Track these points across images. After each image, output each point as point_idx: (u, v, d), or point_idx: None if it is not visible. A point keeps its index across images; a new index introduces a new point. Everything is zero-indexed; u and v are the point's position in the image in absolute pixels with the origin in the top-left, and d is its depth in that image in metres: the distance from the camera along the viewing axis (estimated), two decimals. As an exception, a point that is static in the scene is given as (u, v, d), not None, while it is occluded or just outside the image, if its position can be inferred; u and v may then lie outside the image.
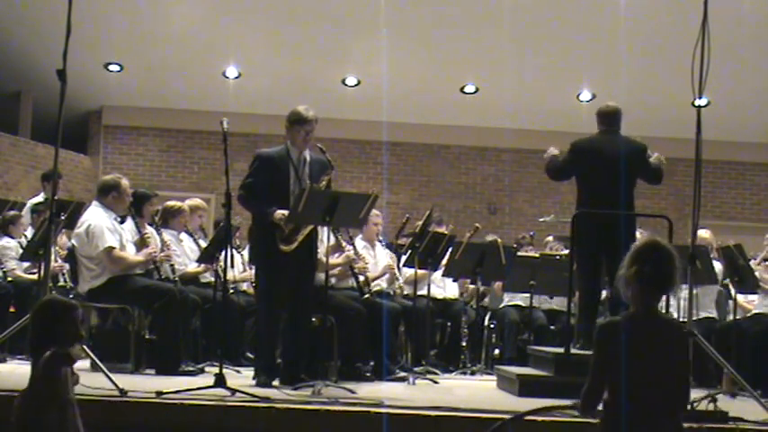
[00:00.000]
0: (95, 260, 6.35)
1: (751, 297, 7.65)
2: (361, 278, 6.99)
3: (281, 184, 5.89)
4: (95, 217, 6.46)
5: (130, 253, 6.56)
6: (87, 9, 7.81)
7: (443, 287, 8.45)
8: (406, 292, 7.80)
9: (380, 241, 7.77)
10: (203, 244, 7.54)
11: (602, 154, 6.37)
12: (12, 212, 8.52)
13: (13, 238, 8.24)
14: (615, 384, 3.07)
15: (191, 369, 6.27)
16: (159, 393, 4.62)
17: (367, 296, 6.91)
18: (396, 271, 7.63)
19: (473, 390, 6.56)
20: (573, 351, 5.86)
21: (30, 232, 8.23)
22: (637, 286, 3.15)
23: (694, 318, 5.45)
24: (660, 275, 3.15)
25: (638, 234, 6.26)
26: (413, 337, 7.64)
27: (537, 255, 8.62)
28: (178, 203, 7.71)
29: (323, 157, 6.06)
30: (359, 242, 7.41)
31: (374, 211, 7.46)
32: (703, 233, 7.71)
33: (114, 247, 6.34)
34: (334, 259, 6.76)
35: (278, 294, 5.88)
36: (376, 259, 7.57)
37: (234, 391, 4.90)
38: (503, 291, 8.58)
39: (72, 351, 3.42)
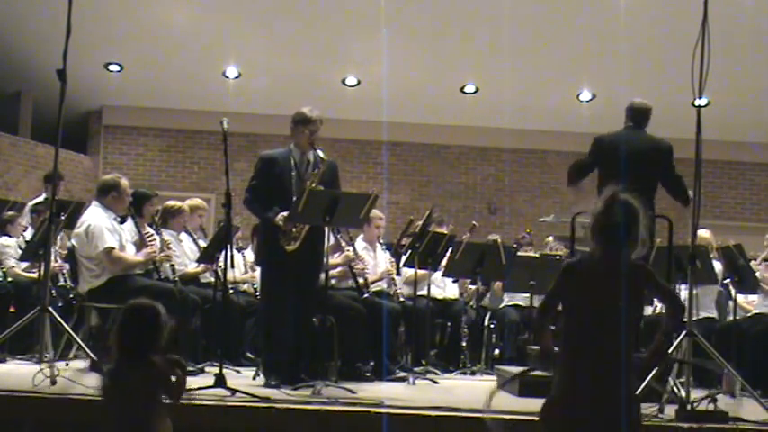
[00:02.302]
0: (95, 260, 6.35)
1: (751, 297, 7.65)
2: (360, 279, 6.99)
3: (284, 186, 5.89)
4: (95, 217, 6.46)
5: (130, 253, 6.55)
6: (87, 9, 7.78)
7: (443, 287, 8.45)
8: (406, 293, 7.78)
9: (381, 243, 7.76)
10: (203, 244, 7.53)
11: (622, 149, 6.13)
12: (9, 213, 8.51)
13: (11, 237, 8.24)
14: (568, 319, 3.36)
15: (191, 369, 6.26)
16: (159, 393, 4.60)
17: (365, 297, 6.91)
18: (394, 276, 7.61)
19: (473, 390, 6.54)
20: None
21: (30, 232, 8.22)
22: (599, 233, 3.27)
23: (694, 318, 5.43)
24: (619, 222, 3.23)
25: None
26: (413, 337, 7.63)
27: (537, 255, 8.62)
28: (178, 203, 7.71)
29: (329, 159, 6.04)
30: (359, 243, 7.41)
31: (377, 213, 7.46)
32: (703, 233, 7.69)
33: (113, 248, 6.34)
34: (334, 259, 6.76)
35: (283, 295, 5.87)
36: (376, 260, 7.56)
37: (234, 391, 4.90)
38: (503, 291, 8.58)
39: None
